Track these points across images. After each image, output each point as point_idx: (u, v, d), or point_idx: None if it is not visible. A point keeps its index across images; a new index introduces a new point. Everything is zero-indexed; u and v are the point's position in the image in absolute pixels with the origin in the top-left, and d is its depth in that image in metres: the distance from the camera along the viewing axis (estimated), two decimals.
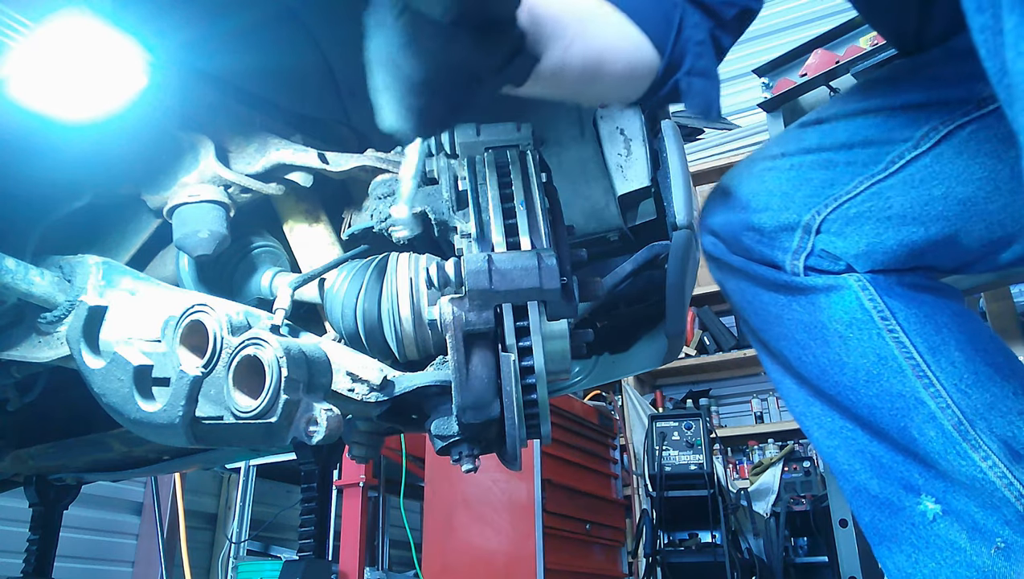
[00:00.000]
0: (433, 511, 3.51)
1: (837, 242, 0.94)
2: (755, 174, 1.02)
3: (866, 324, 0.92)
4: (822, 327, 0.95)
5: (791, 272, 0.96)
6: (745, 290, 1.03)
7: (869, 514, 0.96)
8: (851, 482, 0.97)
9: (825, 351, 0.95)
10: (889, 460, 0.93)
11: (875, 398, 0.92)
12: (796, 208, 0.96)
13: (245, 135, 1.12)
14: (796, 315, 0.97)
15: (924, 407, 0.89)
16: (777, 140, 1.06)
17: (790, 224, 0.96)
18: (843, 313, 0.93)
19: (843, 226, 0.94)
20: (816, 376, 0.97)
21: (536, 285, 0.74)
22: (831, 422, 0.98)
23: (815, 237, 0.94)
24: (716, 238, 1.05)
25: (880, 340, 0.91)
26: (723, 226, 1.03)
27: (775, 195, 0.98)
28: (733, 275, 1.04)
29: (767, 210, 0.98)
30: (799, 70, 2.67)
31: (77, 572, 3.59)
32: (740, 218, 1.00)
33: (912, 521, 0.91)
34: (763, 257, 0.98)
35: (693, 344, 5.39)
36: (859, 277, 0.93)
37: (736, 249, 1.01)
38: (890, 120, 0.94)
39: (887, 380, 0.91)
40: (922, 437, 0.89)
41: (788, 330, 0.98)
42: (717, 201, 1.05)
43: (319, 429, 0.80)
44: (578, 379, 1.46)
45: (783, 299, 0.98)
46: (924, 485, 0.91)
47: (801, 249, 0.95)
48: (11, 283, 0.99)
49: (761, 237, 0.98)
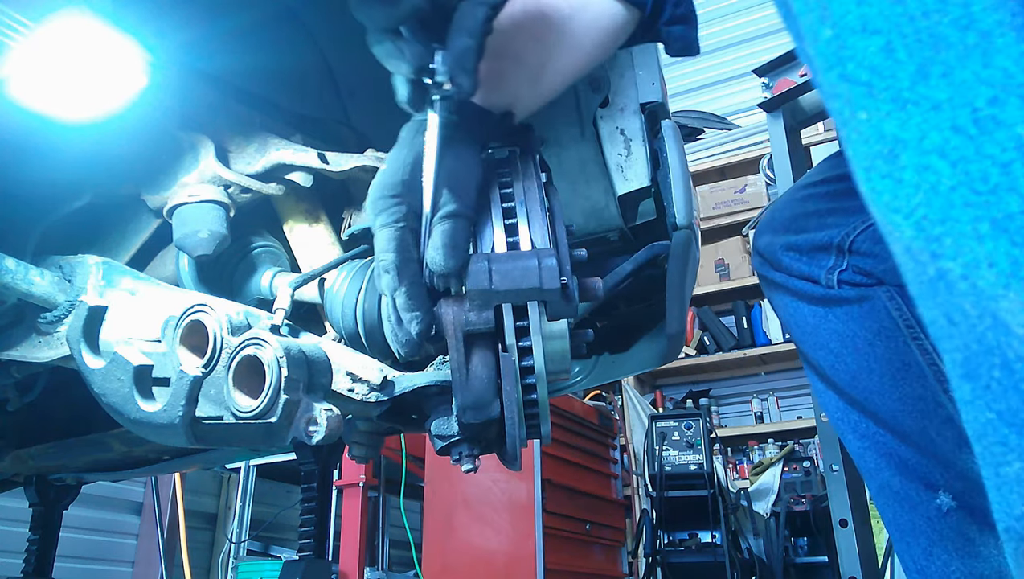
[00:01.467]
0: (433, 511, 3.51)
1: (868, 261, 1.02)
2: (797, 200, 1.12)
3: (893, 332, 1.00)
4: (853, 336, 1.03)
5: (826, 285, 1.05)
6: (788, 304, 1.12)
7: (891, 510, 1.03)
8: (876, 480, 1.05)
9: (855, 358, 1.03)
10: (913, 461, 1.00)
11: (899, 401, 0.99)
12: (829, 231, 1.05)
13: (245, 135, 1.12)
14: (831, 325, 1.06)
15: (943, 410, 0.95)
16: (819, 167, 1.16)
17: (824, 244, 1.05)
18: (872, 322, 1.01)
19: (872, 246, 1.01)
20: (847, 382, 1.05)
21: (536, 285, 0.74)
22: (864, 427, 1.05)
23: (848, 256, 1.04)
24: (761, 257, 1.15)
25: (905, 347, 0.99)
26: (767, 247, 1.13)
27: (812, 218, 1.08)
28: (778, 291, 1.13)
29: (804, 232, 1.08)
30: (799, 70, 2.67)
31: (77, 572, 3.59)
32: (780, 239, 1.10)
33: (928, 515, 0.98)
34: (802, 273, 1.08)
35: (693, 344, 5.39)
36: (888, 288, 1.01)
37: (777, 266, 1.11)
38: None
39: (910, 385, 0.98)
40: (940, 437, 0.95)
41: (823, 339, 1.07)
42: (764, 225, 1.16)
43: (319, 429, 0.80)
44: (578, 379, 1.46)
45: (820, 310, 1.07)
46: (943, 483, 0.97)
47: (836, 266, 1.04)
48: (11, 283, 0.99)
49: (800, 255, 1.08)
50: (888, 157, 0.44)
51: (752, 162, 5.32)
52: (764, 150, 5.09)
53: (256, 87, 1.18)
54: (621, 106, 1.22)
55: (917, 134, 0.42)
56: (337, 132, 1.27)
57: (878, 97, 0.43)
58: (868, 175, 0.45)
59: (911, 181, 0.43)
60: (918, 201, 0.42)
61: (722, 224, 5.26)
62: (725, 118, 4.84)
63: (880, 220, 0.46)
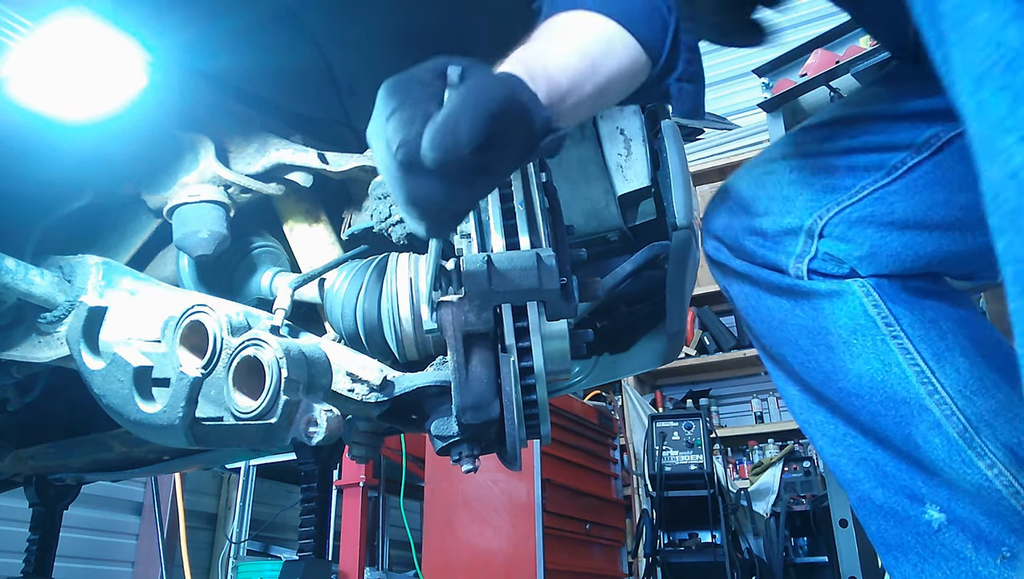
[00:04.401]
0: (433, 511, 3.51)
1: (840, 246, 0.93)
2: (756, 177, 1.01)
3: (870, 330, 0.91)
4: (826, 333, 0.94)
5: (794, 275, 0.95)
6: (749, 295, 1.02)
7: (875, 524, 0.95)
8: (856, 491, 0.97)
9: (829, 357, 0.94)
10: (892, 468, 0.92)
11: (879, 405, 0.91)
12: (798, 212, 0.95)
13: (245, 135, 1.12)
14: (799, 320, 0.96)
15: (928, 414, 0.88)
16: (778, 144, 1.05)
17: (793, 228, 0.95)
18: (847, 318, 0.92)
19: (846, 230, 0.93)
20: (819, 382, 0.96)
21: (535, 285, 0.74)
22: (833, 429, 0.97)
23: (818, 241, 0.93)
24: (719, 242, 1.04)
25: (884, 346, 0.90)
26: (725, 230, 1.02)
27: (776, 199, 0.97)
28: (736, 279, 1.03)
29: (768, 214, 0.97)
30: (799, 70, 2.67)
31: (77, 572, 3.59)
32: (743, 222, 0.99)
33: (917, 530, 0.91)
34: (766, 261, 0.97)
35: (693, 344, 5.39)
36: (863, 282, 0.92)
37: (739, 253, 1.01)
38: (892, 126, 0.94)
39: (891, 386, 0.90)
40: (926, 444, 0.88)
41: (791, 335, 0.97)
42: (719, 205, 1.04)
43: (319, 429, 0.80)
44: (578, 379, 1.46)
45: (786, 304, 0.97)
46: (928, 494, 0.90)
47: (805, 253, 0.94)
48: (11, 283, 0.99)
49: (764, 241, 0.97)
50: (1008, 68, 0.39)
51: None
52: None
53: (256, 87, 1.18)
54: (621, 106, 1.22)
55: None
56: (337, 132, 1.27)
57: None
58: (979, 86, 0.41)
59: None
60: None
61: None
62: (725, 118, 4.83)
63: (984, 139, 0.41)
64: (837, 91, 2.57)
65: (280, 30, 1.16)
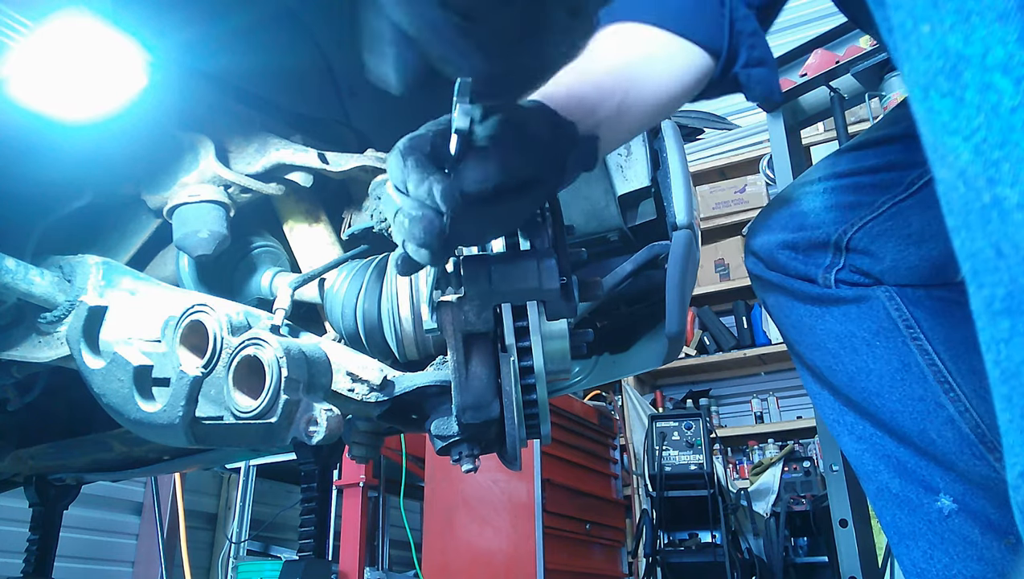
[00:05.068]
0: (433, 511, 3.51)
1: (865, 259, 1.01)
2: (794, 198, 1.10)
3: (892, 332, 0.99)
4: (851, 336, 1.02)
5: (823, 284, 1.03)
6: (783, 304, 1.10)
7: (890, 513, 1.02)
8: (874, 482, 1.03)
9: (853, 359, 1.02)
10: (912, 463, 0.99)
11: (898, 402, 0.98)
12: (827, 228, 1.03)
13: (245, 135, 1.12)
14: (828, 325, 1.04)
15: (944, 411, 0.95)
16: (817, 166, 1.14)
17: (821, 242, 1.03)
18: (871, 322, 1.00)
19: (869, 244, 1.01)
20: (845, 384, 1.04)
21: (535, 285, 0.74)
22: (862, 429, 1.04)
23: (845, 254, 1.02)
24: (756, 258, 1.12)
25: (905, 347, 0.98)
26: (762, 246, 1.11)
27: (808, 216, 1.06)
28: (772, 291, 1.11)
29: (801, 230, 1.06)
30: (799, 70, 2.67)
31: (77, 572, 3.59)
32: (777, 238, 1.08)
33: (929, 518, 0.98)
34: (798, 272, 1.06)
35: (693, 344, 5.39)
36: (887, 288, 1.00)
37: (773, 266, 1.09)
38: (912, 145, 1.00)
39: (910, 385, 0.97)
40: (941, 439, 0.95)
41: (820, 340, 1.05)
42: (758, 225, 1.13)
43: (319, 429, 0.80)
44: (578, 379, 1.46)
45: (816, 310, 1.05)
46: (944, 486, 0.97)
47: (833, 264, 1.03)
48: (11, 283, 0.99)
49: (796, 254, 1.06)
50: (950, 74, 0.41)
51: (752, 162, 5.32)
52: (764, 150, 5.09)
53: (256, 87, 1.18)
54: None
55: (980, 49, 0.39)
56: (337, 132, 1.27)
57: (943, 7, 0.41)
58: (926, 94, 0.43)
59: (972, 101, 0.40)
60: (978, 123, 0.40)
61: (722, 224, 5.26)
62: (725, 118, 4.82)
63: (934, 143, 0.43)
64: (837, 91, 2.56)
65: (280, 30, 1.16)
